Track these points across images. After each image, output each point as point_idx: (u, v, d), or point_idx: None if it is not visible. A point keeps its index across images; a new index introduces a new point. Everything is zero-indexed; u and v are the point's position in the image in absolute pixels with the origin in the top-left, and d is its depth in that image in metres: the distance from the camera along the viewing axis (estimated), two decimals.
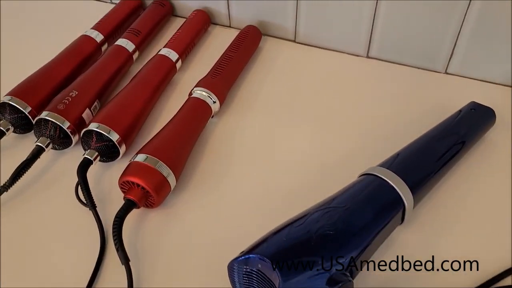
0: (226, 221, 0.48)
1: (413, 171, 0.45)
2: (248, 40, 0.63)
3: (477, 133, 0.51)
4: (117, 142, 0.50)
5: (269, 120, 0.57)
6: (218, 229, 0.47)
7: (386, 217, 0.42)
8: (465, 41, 0.57)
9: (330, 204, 0.41)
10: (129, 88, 0.55)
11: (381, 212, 0.42)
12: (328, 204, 0.41)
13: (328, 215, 0.40)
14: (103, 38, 0.64)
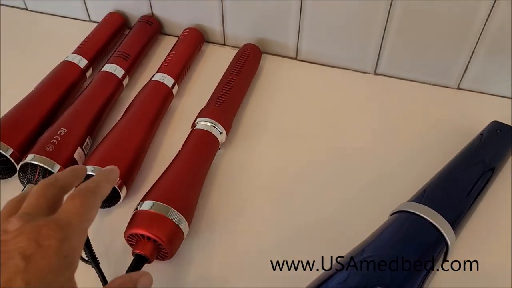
0: (245, 267, 0.43)
1: (450, 206, 0.42)
2: (249, 61, 0.58)
3: (506, 156, 0.48)
4: (117, 186, 0.45)
5: (279, 147, 0.53)
6: (239, 276, 0.42)
7: (431, 260, 0.38)
8: (480, 56, 0.55)
9: (369, 251, 0.37)
10: (124, 122, 0.50)
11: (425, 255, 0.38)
12: (367, 251, 0.37)
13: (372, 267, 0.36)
14: (87, 63, 0.58)
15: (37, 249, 0.25)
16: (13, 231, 0.26)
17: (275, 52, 0.63)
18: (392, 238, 0.39)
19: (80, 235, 0.28)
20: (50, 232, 0.26)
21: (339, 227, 0.46)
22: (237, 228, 0.46)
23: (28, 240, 0.25)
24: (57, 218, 0.27)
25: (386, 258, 0.36)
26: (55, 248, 0.25)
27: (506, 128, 0.50)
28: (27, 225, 0.26)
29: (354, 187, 0.49)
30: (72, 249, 0.26)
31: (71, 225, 0.27)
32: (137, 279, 0.30)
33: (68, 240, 0.26)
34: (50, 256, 0.25)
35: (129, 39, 0.60)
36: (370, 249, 0.38)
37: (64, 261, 0.26)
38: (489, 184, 0.46)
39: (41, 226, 0.26)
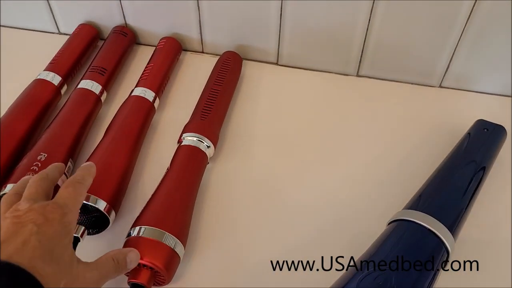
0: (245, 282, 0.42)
1: (447, 211, 0.42)
2: (231, 69, 0.56)
3: (494, 155, 0.49)
4: (105, 211, 0.43)
5: (267, 156, 0.52)
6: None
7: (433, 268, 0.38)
8: (462, 54, 0.55)
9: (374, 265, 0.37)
10: (107, 143, 0.47)
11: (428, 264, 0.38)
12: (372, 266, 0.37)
13: (379, 281, 0.35)
14: (61, 80, 0.55)
15: (45, 220, 0.33)
16: (24, 209, 0.33)
17: (256, 58, 0.62)
18: (393, 248, 0.38)
19: (74, 213, 0.36)
20: (53, 209, 0.34)
21: (334, 233, 0.45)
22: (233, 243, 0.45)
23: (37, 214, 0.33)
24: (56, 201, 0.35)
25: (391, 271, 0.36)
26: (58, 219, 0.33)
27: (492, 127, 0.50)
28: (34, 205, 0.34)
29: (345, 192, 0.49)
30: (69, 222, 0.34)
31: (67, 206, 0.35)
32: (127, 253, 0.38)
33: (67, 215, 0.34)
34: (55, 225, 0.33)
35: (103, 52, 0.58)
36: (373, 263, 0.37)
37: (65, 229, 0.34)
38: (482, 183, 0.46)
39: (45, 205, 0.34)
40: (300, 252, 0.44)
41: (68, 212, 0.34)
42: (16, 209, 0.34)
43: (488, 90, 0.58)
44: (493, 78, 0.57)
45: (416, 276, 0.37)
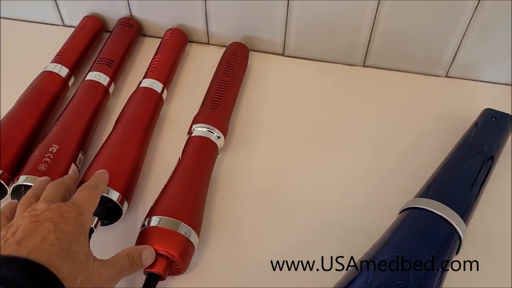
0: (257, 273, 0.42)
1: (458, 199, 0.42)
2: (238, 61, 0.56)
3: (502, 143, 0.49)
4: (118, 201, 0.43)
5: (276, 146, 0.52)
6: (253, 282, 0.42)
7: (447, 255, 0.38)
8: (469, 44, 0.55)
9: (388, 253, 0.37)
10: (118, 134, 0.47)
11: (442, 251, 0.38)
12: (386, 253, 0.37)
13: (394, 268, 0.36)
14: (68, 72, 0.55)
15: (62, 219, 0.34)
16: (41, 209, 0.35)
17: (262, 49, 0.62)
18: (408, 236, 0.39)
19: (89, 214, 0.37)
20: (69, 208, 0.35)
21: (348, 226, 0.46)
22: (246, 233, 0.45)
23: (54, 213, 0.34)
24: (72, 201, 0.37)
25: (406, 258, 0.37)
26: (74, 218, 0.35)
27: (500, 115, 0.51)
28: (52, 205, 0.35)
29: (354, 183, 0.49)
30: (84, 221, 0.35)
31: (82, 206, 0.36)
32: (142, 250, 0.38)
33: (82, 215, 0.36)
34: (71, 223, 0.34)
35: (110, 44, 0.58)
36: (388, 250, 0.38)
37: (80, 228, 0.35)
38: (490, 173, 0.46)
39: (61, 205, 0.36)
40: (311, 243, 0.44)
41: (83, 212, 0.36)
42: (34, 209, 0.35)
43: (494, 79, 0.58)
44: (500, 67, 0.57)
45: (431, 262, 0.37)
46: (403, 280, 0.35)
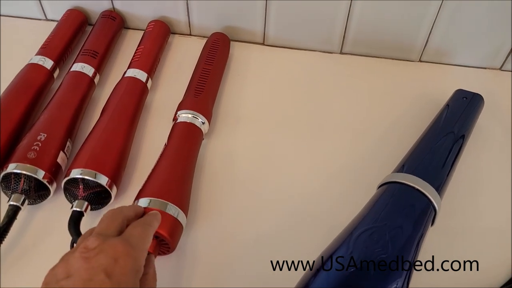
0: (245, 252, 0.44)
1: (432, 174, 0.45)
2: (220, 49, 0.58)
3: (473, 121, 0.52)
4: (107, 186, 0.44)
5: (259, 131, 0.54)
6: (239, 262, 0.44)
7: (423, 225, 0.41)
8: (440, 29, 0.58)
9: (368, 223, 0.39)
10: (105, 122, 0.49)
11: (418, 222, 0.41)
12: (366, 223, 0.39)
13: (373, 237, 0.38)
14: (53, 64, 0.56)
15: (116, 266, 0.31)
16: (93, 249, 0.31)
17: (243, 39, 0.63)
18: (386, 208, 0.41)
19: (144, 254, 0.34)
20: (124, 250, 0.32)
21: (329, 202, 0.48)
22: (231, 214, 0.47)
23: (107, 258, 0.31)
24: (126, 238, 0.33)
25: (384, 229, 0.39)
26: (131, 266, 0.32)
27: (471, 95, 0.53)
28: (104, 244, 0.32)
29: (335, 163, 0.51)
30: (140, 266, 0.33)
31: (138, 246, 0.33)
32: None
33: (138, 260, 0.33)
34: (127, 273, 0.31)
35: (94, 36, 0.59)
36: (367, 222, 0.40)
37: (136, 275, 0.32)
38: (462, 149, 0.49)
39: (116, 244, 0.32)
40: (294, 220, 0.46)
41: (138, 256, 0.33)
42: (86, 247, 0.32)
43: (466, 63, 0.61)
44: (471, 51, 0.60)
45: (408, 232, 0.39)
46: (382, 248, 0.37)
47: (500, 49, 0.59)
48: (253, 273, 0.43)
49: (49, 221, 0.45)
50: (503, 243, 0.45)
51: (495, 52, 0.59)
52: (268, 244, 0.45)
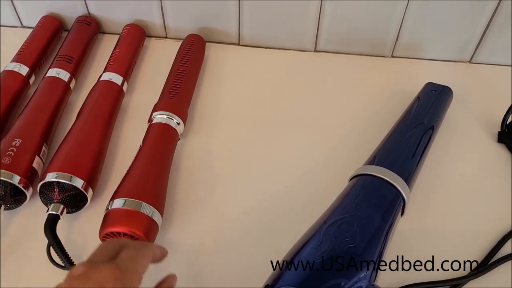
0: (221, 250, 0.45)
1: (403, 164, 0.46)
2: (195, 51, 0.59)
3: (442, 113, 0.53)
4: (82, 189, 0.45)
5: (235, 131, 0.55)
6: (215, 259, 0.44)
7: (392, 215, 0.42)
8: (409, 25, 0.59)
9: (338, 214, 0.40)
10: (80, 124, 0.49)
11: (387, 212, 0.42)
12: (337, 214, 0.40)
13: (343, 227, 0.39)
14: (28, 70, 0.56)
15: None
16: (78, 276, 0.29)
17: (218, 40, 0.64)
18: (356, 199, 0.42)
19: (137, 276, 0.32)
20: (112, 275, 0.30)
21: (304, 196, 0.49)
22: (207, 213, 0.48)
23: (93, 285, 0.29)
24: (116, 262, 0.31)
25: (354, 219, 0.40)
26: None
27: (440, 88, 0.55)
28: (91, 270, 0.30)
29: (312, 159, 0.52)
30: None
31: (128, 269, 0.31)
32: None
33: (129, 283, 0.30)
34: None
35: (69, 41, 0.59)
36: (337, 213, 0.41)
37: None
38: (431, 140, 0.50)
39: (103, 269, 0.30)
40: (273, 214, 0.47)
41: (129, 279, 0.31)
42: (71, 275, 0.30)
43: (436, 57, 0.63)
44: (440, 45, 0.61)
45: (377, 221, 0.40)
46: (351, 238, 0.38)
47: (469, 42, 0.60)
48: (230, 271, 0.43)
49: (26, 226, 0.46)
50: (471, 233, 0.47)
51: (464, 46, 0.61)
52: (245, 242, 0.45)
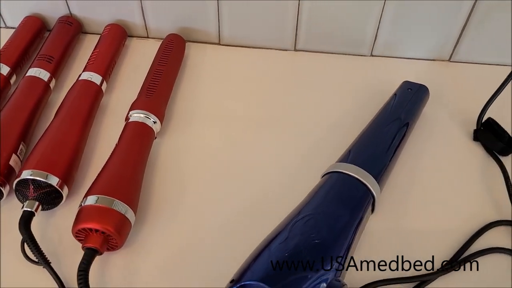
0: (195, 247, 0.45)
1: (373, 162, 0.46)
2: (174, 50, 0.60)
3: (418, 111, 0.53)
4: (58, 186, 0.45)
5: (213, 131, 0.55)
6: (189, 256, 0.45)
7: (360, 211, 0.42)
8: (387, 24, 0.59)
9: (306, 211, 0.41)
10: (57, 123, 0.50)
11: (355, 208, 0.42)
12: (305, 211, 0.41)
13: (309, 224, 0.39)
14: (9, 70, 0.57)
15: None
16: None
17: (199, 40, 0.65)
18: (325, 196, 0.43)
19: None
20: None
21: (280, 194, 0.49)
22: (183, 211, 0.48)
23: None
24: None
25: (321, 215, 0.40)
26: None
27: (416, 86, 0.55)
28: None
29: (286, 156, 0.53)
30: None
31: None
32: None
33: None
34: None
35: (50, 41, 0.60)
36: (306, 210, 0.41)
37: None
38: (406, 137, 0.50)
39: None
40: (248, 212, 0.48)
41: None
42: None
43: (416, 55, 0.63)
44: (419, 44, 0.61)
45: (345, 218, 0.41)
46: (317, 233, 0.38)
47: (447, 41, 0.61)
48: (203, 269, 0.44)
49: (2, 222, 0.46)
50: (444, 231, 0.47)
51: (443, 44, 0.61)
52: (220, 239, 0.46)
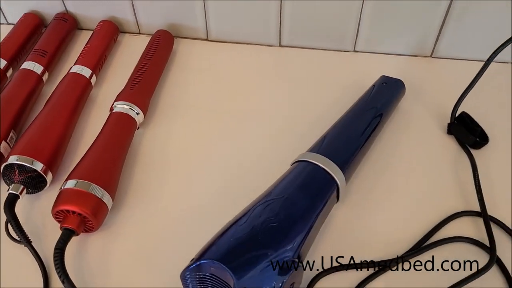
0: (170, 232, 0.48)
1: (340, 151, 0.48)
2: (161, 46, 0.62)
3: (391, 104, 0.55)
4: (42, 172, 0.48)
5: (195, 122, 0.58)
6: (164, 241, 0.47)
7: (322, 199, 0.44)
8: (367, 20, 0.61)
9: (269, 197, 0.43)
10: (45, 112, 0.53)
11: (317, 195, 0.44)
12: (267, 197, 0.43)
13: (269, 208, 0.41)
14: (6, 64, 0.60)
15: None
16: None
17: (187, 36, 0.67)
18: (289, 183, 0.44)
19: None
20: None
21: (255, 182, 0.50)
22: (160, 198, 0.50)
23: None
24: None
25: (281, 200, 0.42)
26: None
27: (391, 81, 0.56)
28: None
29: (266, 149, 0.54)
30: None
31: None
32: None
33: None
34: None
35: (45, 36, 0.63)
36: (269, 195, 0.43)
37: None
38: (378, 128, 0.52)
39: None
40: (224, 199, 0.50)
41: None
42: None
43: (398, 51, 0.64)
44: (400, 40, 0.63)
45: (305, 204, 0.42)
46: (274, 217, 0.40)
47: (428, 37, 0.62)
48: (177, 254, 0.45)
49: None
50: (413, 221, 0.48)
51: (424, 40, 0.62)
52: (194, 224, 0.48)
